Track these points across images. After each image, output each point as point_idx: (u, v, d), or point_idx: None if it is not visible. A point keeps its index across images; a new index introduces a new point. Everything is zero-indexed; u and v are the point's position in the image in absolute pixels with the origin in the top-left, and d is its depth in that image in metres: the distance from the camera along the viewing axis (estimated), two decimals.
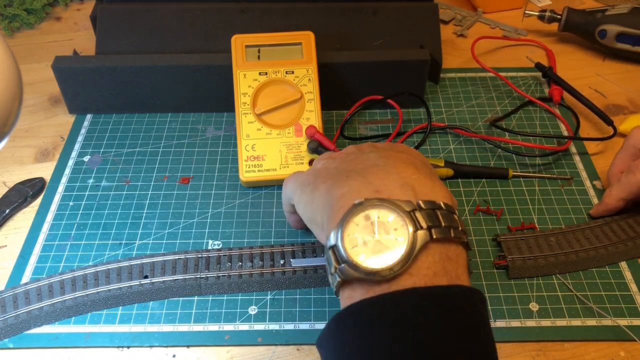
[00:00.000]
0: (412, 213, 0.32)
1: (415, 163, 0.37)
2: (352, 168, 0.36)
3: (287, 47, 0.58)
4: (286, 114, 0.56)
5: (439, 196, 0.34)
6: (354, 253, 0.32)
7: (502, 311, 0.46)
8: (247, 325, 0.45)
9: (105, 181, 0.56)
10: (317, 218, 0.37)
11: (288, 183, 0.43)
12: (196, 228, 0.52)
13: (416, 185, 0.34)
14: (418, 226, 0.32)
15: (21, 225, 0.53)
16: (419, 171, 0.36)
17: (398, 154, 0.38)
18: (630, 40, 0.68)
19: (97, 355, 0.44)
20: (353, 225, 0.32)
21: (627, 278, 0.48)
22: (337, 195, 0.35)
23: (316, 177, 0.38)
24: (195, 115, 0.63)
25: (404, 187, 0.34)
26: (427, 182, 0.35)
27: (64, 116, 0.63)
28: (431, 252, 0.32)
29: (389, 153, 0.38)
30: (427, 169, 0.37)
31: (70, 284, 0.46)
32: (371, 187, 0.34)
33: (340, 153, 0.41)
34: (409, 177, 0.35)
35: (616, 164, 0.52)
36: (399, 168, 0.35)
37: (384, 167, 0.36)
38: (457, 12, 0.80)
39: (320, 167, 0.39)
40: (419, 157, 0.39)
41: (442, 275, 0.31)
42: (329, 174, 0.37)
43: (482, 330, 0.31)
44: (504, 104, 0.65)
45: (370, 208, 0.32)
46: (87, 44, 0.73)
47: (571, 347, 0.44)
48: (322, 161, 0.41)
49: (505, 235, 0.50)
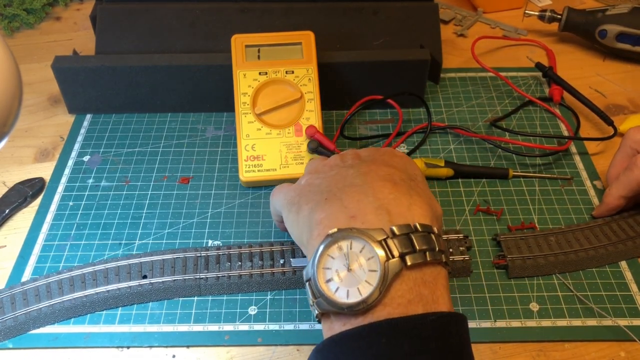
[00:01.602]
0: (384, 242, 0.32)
1: (394, 178, 0.36)
2: (332, 188, 0.37)
3: (287, 47, 0.58)
4: (286, 114, 0.56)
5: (416, 215, 0.34)
6: (328, 287, 0.32)
7: (502, 311, 0.46)
8: (247, 326, 0.45)
9: (105, 181, 0.56)
10: (302, 239, 0.37)
11: (275, 196, 0.43)
12: (196, 228, 0.52)
13: (392, 206, 0.34)
14: (390, 255, 0.32)
15: (21, 225, 0.53)
16: (396, 188, 0.35)
17: (378, 168, 0.37)
18: (630, 40, 0.68)
19: (97, 355, 0.44)
20: (327, 257, 0.33)
21: (627, 278, 0.48)
22: (316, 220, 0.35)
23: (300, 197, 0.38)
24: (195, 115, 0.63)
25: (378, 211, 0.34)
26: (404, 200, 0.34)
27: (64, 116, 0.63)
28: (405, 280, 0.31)
29: (369, 167, 0.37)
30: (405, 183, 0.36)
31: (69, 284, 0.46)
32: (347, 212, 0.34)
33: (325, 165, 0.41)
34: (385, 197, 0.34)
35: (614, 165, 0.52)
36: (376, 188, 0.35)
37: (361, 187, 0.35)
38: (457, 12, 0.80)
39: (304, 184, 0.40)
40: (400, 167, 0.38)
41: (417, 302, 0.31)
42: (311, 194, 0.37)
43: (460, 356, 0.31)
44: (504, 104, 0.65)
45: (342, 240, 0.33)
46: (87, 44, 0.73)
47: (571, 347, 0.44)
48: (307, 176, 0.41)
49: (505, 234, 0.50)
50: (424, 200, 0.35)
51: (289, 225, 0.40)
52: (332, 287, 0.32)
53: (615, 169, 0.52)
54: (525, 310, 0.46)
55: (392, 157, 0.40)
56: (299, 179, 0.42)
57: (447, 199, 0.54)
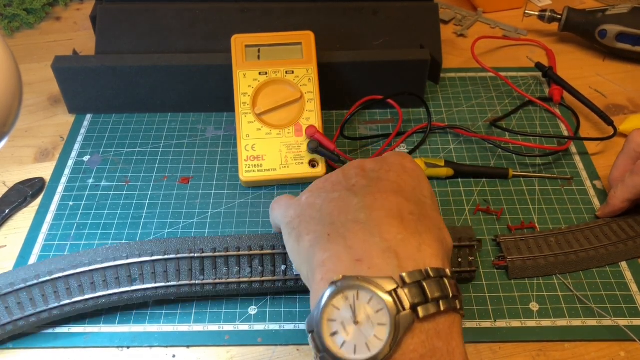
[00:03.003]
0: (394, 292, 0.30)
1: (401, 212, 0.34)
2: (334, 219, 0.34)
3: (287, 47, 0.58)
4: (286, 114, 0.56)
5: (427, 256, 0.32)
6: (333, 342, 0.30)
7: (502, 311, 0.46)
8: (247, 326, 0.45)
9: (105, 181, 0.56)
10: (302, 270, 0.36)
11: (274, 211, 0.42)
12: (196, 228, 0.52)
13: (400, 248, 0.32)
14: (400, 307, 0.29)
15: (21, 225, 0.53)
16: (404, 226, 0.33)
17: (384, 197, 0.35)
18: (630, 40, 0.68)
19: (97, 355, 0.44)
20: (331, 308, 0.30)
21: (627, 278, 0.48)
22: (318, 260, 0.33)
23: (300, 222, 0.36)
24: (195, 115, 0.63)
25: (386, 254, 0.31)
26: (413, 241, 0.32)
27: (64, 116, 0.63)
28: (417, 333, 0.29)
29: (374, 197, 0.35)
30: (414, 217, 0.34)
31: (52, 290, 0.43)
32: (352, 255, 0.32)
33: (327, 181, 0.38)
34: (393, 238, 0.32)
35: (617, 168, 0.52)
36: (382, 226, 0.33)
37: (366, 224, 0.33)
38: (457, 12, 0.80)
39: (304, 202, 0.37)
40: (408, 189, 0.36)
41: (430, 357, 0.29)
42: (312, 221, 0.35)
43: None
44: (504, 104, 0.65)
45: (348, 289, 0.30)
46: (87, 44, 0.73)
47: (571, 347, 0.44)
48: (307, 193, 0.38)
49: (504, 235, 0.50)
50: (434, 237, 0.33)
51: (288, 248, 0.38)
52: (337, 341, 0.30)
53: (618, 171, 0.52)
54: (525, 310, 0.46)
55: (401, 174, 0.37)
56: (300, 194, 0.39)
57: (447, 198, 0.54)
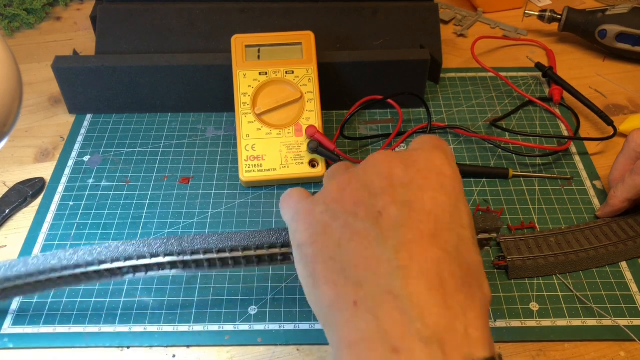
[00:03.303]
0: None
1: (442, 275, 0.27)
2: (361, 279, 0.28)
3: (287, 47, 0.58)
4: (286, 114, 0.56)
5: (474, 342, 0.26)
6: None
7: (502, 311, 0.46)
8: (247, 325, 0.45)
9: (105, 181, 0.56)
10: (320, 320, 0.31)
11: (283, 209, 0.36)
12: (196, 228, 0.52)
13: (444, 334, 0.26)
14: None
15: (21, 225, 0.53)
16: (446, 301, 0.27)
17: (422, 250, 0.28)
18: (630, 40, 0.68)
19: (97, 355, 0.44)
20: None
21: (627, 278, 0.48)
22: (345, 339, 0.28)
23: (315, 257, 0.31)
24: (195, 115, 0.63)
25: (429, 345, 0.25)
26: (458, 324, 0.26)
27: (64, 116, 0.63)
28: None
29: (410, 252, 0.28)
30: (455, 280, 0.28)
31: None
32: (387, 341, 0.26)
33: (345, 195, 0.32)
34: (435, 323, 0.26)
35: (617, 168, 0.52)
36: (423, 306, 0.26)
37: (403, 300, 0.27)
38: (457, 12, 0.80)
39: (318, 223, 0.32)
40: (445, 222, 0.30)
41: None
42: (330, 264, 0.30)
43: None
44: (504, 104, 0.65)
45: None
46: (87, 44, 0.73)
47: (571, 347, 0.44)
48: (321, 206, 0.32)
49: (504, 236, 0.50)
50: (478, 312, 0.27)
51: (300, 275, 0.32)
52: None
53: (618, 171, 0.52)
54: (525, 310, 0.46)
55: (437, 193, 0.30)
56: (312, 198, 0.34)
57: None
